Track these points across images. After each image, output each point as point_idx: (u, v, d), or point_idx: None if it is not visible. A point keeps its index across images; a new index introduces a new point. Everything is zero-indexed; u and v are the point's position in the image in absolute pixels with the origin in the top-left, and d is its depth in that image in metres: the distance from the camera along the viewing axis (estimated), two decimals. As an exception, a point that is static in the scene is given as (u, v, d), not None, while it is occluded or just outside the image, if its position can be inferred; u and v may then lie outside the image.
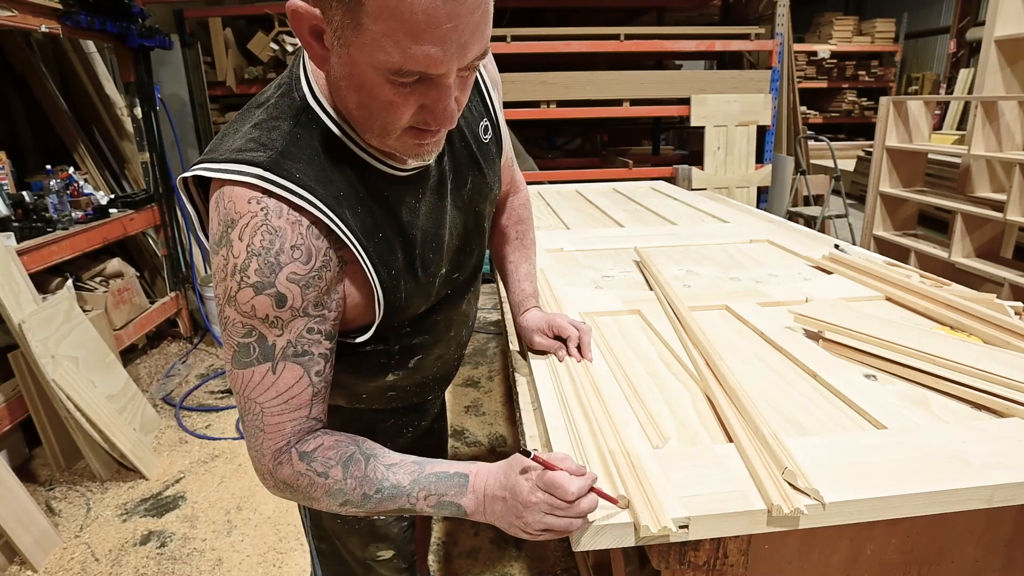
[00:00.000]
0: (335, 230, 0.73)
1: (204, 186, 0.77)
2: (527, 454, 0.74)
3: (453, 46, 0.62)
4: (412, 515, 0.83)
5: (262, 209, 0.70)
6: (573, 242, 2.02)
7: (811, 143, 5.41)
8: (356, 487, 0.77)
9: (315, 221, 0.72)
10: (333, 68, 0.68)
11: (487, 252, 1.11)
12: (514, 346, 1.29)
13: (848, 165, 6.27)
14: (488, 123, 0.94)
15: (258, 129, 0.73)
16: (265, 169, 0.70)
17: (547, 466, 0.72)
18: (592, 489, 0.72)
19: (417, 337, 0.92)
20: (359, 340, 0.84)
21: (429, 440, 1.23)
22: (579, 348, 1.13)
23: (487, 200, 0.97)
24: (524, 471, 0.74)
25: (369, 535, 1.10)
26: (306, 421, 0.77)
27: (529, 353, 1.18)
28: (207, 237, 0.77)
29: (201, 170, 0.72)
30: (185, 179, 0.76)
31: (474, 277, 1.01)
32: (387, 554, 1.13)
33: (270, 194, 0.70)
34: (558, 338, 1.15)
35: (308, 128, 0.74)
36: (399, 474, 0.78)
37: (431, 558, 2.05)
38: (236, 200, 0.70)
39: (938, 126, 5.46)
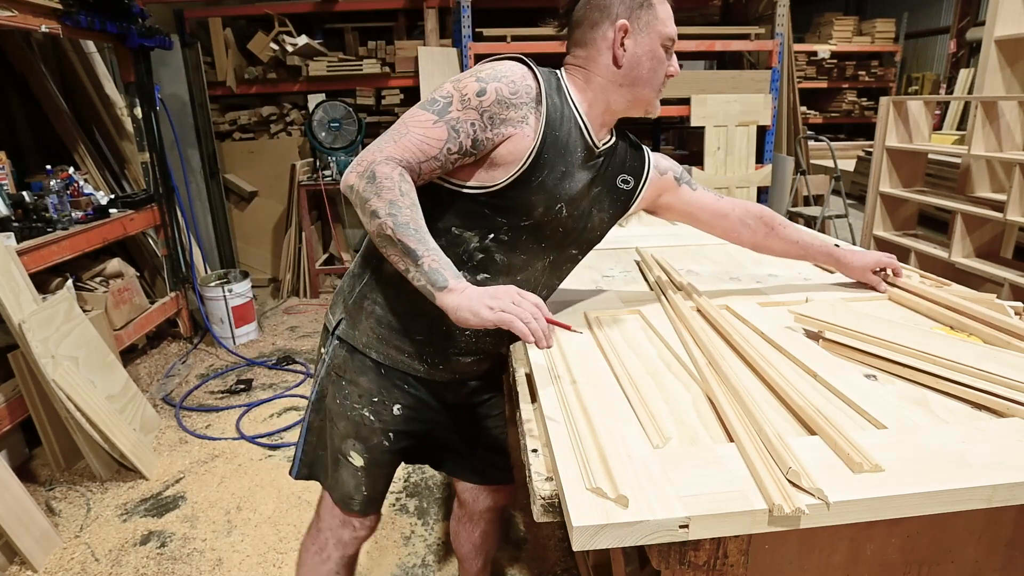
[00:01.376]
0: (542, 111, 1.06)
1: None
2: None
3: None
4: (405, 272, 1.00)
5: (516, 64, 1.08)
6: (573, 242, 2.02)
7: (811, 143, 5.40)
8: (409, 216, 0.97)
9: (538, 88, 1.07)
10: (633, 55, 1.10)
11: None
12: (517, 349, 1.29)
13: (848, 165, 6.26)
14: (632, 177, 1.26)
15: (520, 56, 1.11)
16: (531, 67, 1.09)
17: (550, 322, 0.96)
18: (547, 319, 0.94)
19: (500, 252, 1.13)
20: (490, 188, 1.07)
21: (488, 380, 1.39)
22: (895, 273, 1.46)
23: (602, 215, 1.24)
24: None
25: (354, 428, 1.23)
26: (416, 164, 1.02)
27: (529, 353, 1.19)
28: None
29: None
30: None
31: (560, 265, 1.25)
32: (358, 460, 1.25)
33: (521, 62, 1.08)
34: (882, 271, 1.48)
35: (553, 77, 1.12)
36: (432, 241, 0.99)
37: (431, 557, 2.05)
38: (508, 61, 1.08)
39: (938, 126, 5.46)
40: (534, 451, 0.93)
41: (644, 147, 1.31)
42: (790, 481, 0.77)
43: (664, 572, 0.80)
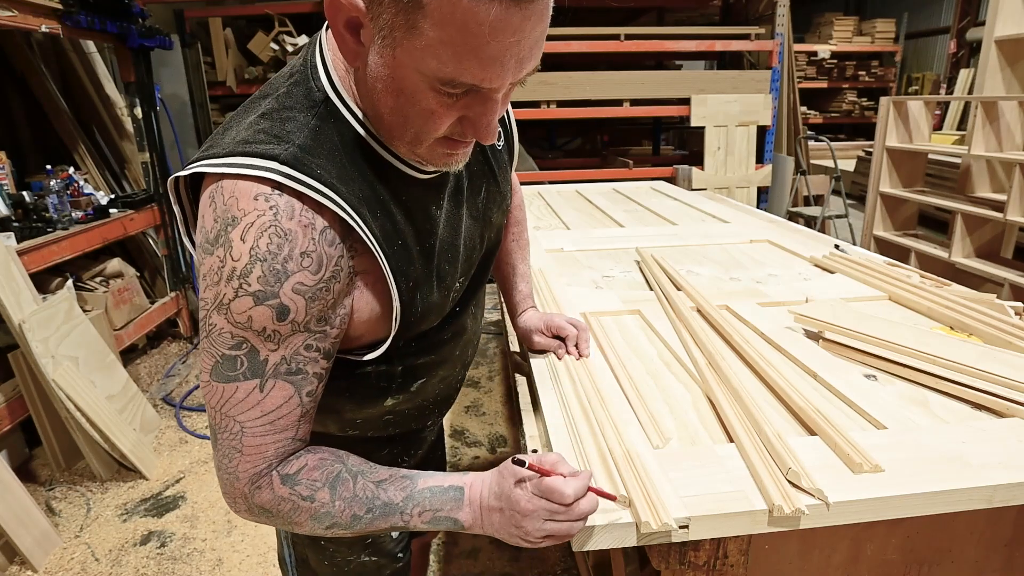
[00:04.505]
0: (358, 232, 0.67)
1: (196, 185, 0.69)
2: (520, 463, 0.70)
3: (512, 61, 0.58)
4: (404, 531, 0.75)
5: (271, 208, 0.62)
6: (573, 242, 2.02)
7: (811, 143, 5.41)
8: (345, 509, 0.71)
9: (331, 224, 0.65)
10: (370, 67, 0.62)
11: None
12: (514, 346, 1.29)
13: (848, 165, 6.26)
14: (501, 129, 0.91)
15: (268, 120, 0.66)
16: (282, 163, 0.63)
17: (542, 472, 0.70)
18: (590, 489, 0.71)
19: (423, 357, 0.85)
20: (366, 358, 0.77)
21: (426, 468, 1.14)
22: (577, 346, 1.14)
23: (500, 209, 0.93)
24: (519, 481, 0.71)
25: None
26: (291, 443, 0.70)
27: (529, 353, 1.18)
28: (190, 239, 0.72)
29: (202, 166, 0.64)
30: (177, 178, 0.69)
31: (479, 289, 0.95)
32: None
33: (283, 190, 0.62)
34: (557, 337, 1.15)
35: (326, 121, 0.67)
36: (390, 491, 0.72)
37: (431, 558, 2.05)
38: (240, 196, 0.62)
39: (938, 126, 5.46)
40: (534, 451, 0.93)
41: None
42: (790, 481, 0.77)
43: (664, 572, 0.80)
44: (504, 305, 1.26)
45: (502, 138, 0.91)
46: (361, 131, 0.69)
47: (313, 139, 0.66)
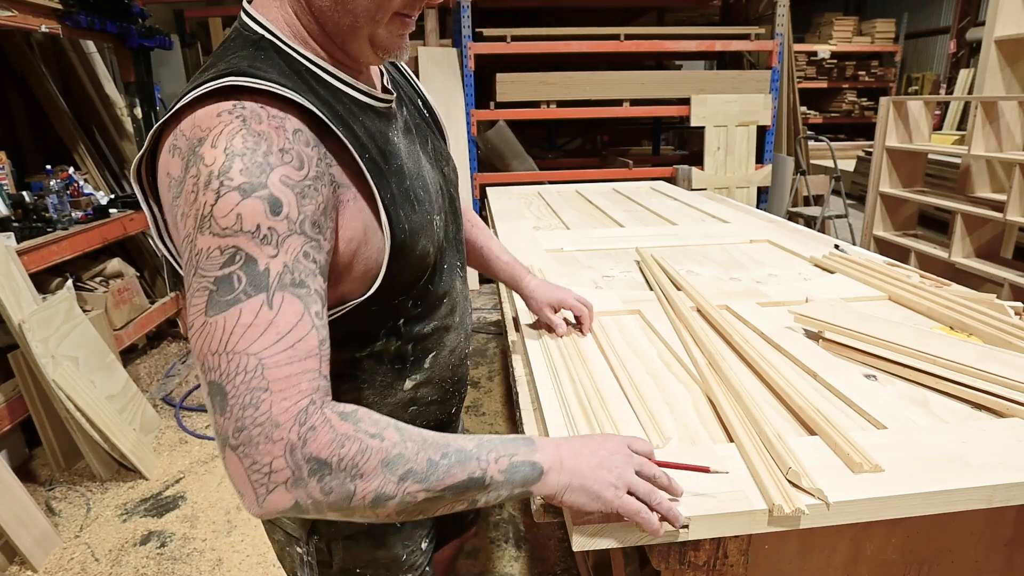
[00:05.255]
0: (330, 140, 0.64)
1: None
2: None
3: None
4: (473, 507, 0.65)
5: (237, 117, 0.58)
6: (573, 242, 2.02)
7: (811, 143, 5.41)
8: (419, 451, 0.60)
9: (302, 128, 0.62)
10: None
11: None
12: (512, 335, 1.29)
13: (848, 165, 6.27)
14: (424, 103, 0.92)
15: (214, 68, 0.63)
16: (233, 75, 0.60)
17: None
18: (673, 464, 0.74)
19: (426, 323, 0.83)
20: (369, 293, 0.71)
21: None
22: (581, 324, 1.23)
23: (450, 167, 0.92)
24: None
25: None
26: (321, 378, 0.59)
27: (527, 348, 1.18)
28: (163, 241, 0.68)
29: (156, 129, 0.62)
30: (140, 173, 0.65)
31: (458, 244, 0.93)
32: None
33: (243, 100, 0.59)
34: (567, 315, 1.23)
35: (268, 51, 0.66)
36: (458, 440, 0.65)
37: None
38: (200, 121, 0.59)
39: (938, 126, 5.46)
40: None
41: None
42: (790, 481, 0.77)
43: (664, 572, 0.80)
44: (500, 284, 1.31)
45: (428, 108, 0.93)
46: (307, 57, 0.68)
47: (260, 61, 0.64)
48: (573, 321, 1.25)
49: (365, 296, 0.72)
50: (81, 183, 3.08)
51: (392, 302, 0.76)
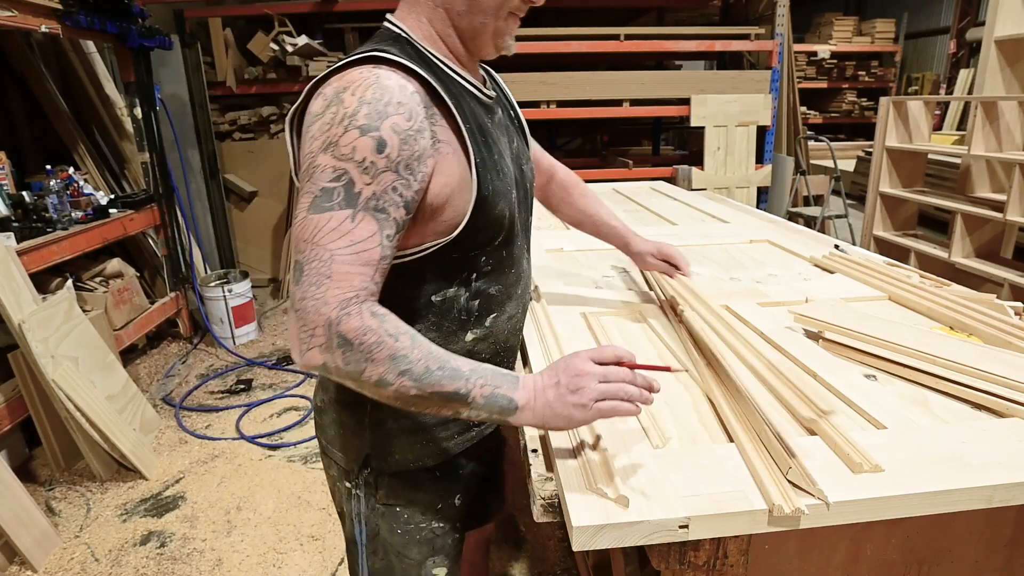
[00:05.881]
0: (438, 106, 0.82)
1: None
2: None
3: None
4: (458, 416, 0.79)
5: (374, 74, 0.78)
6: (573, 242, 2.02)
7: (811, 143, 5.40)
8: (422, 358, 0.75)
9: (419, 91, 0.80)
10: None
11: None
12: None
13: (848, 165, 6.26)
14: (513, 109, 1.08)
15: (362, 50, 0.83)
16: (374, 51, 0.80)
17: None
18: (641, 366, 0.80)
19: (494, 284, 0.96)
20: (454, 234, 0.86)
21: (489, 444, 1.16)
22: (680, 269, 1.41)
23: (529, 167, 1.06)
24: (575, 354, 0.81)
25: (429, 546, 1.06)
26: (371, 283, 0.76)
27: (527, 348, 1.18)
28: (295, 173, 0.84)
29: (312, 84, 0.81)
30: (292, 120, 0.84)
31: (527, 228, 1.07)
32: (441, 572, 1.10)
33: (381, 64, 0.79)
34: (665, 261, 1.41)
35: (404, 45, 0.86)
36: (459, 360, 0.78)
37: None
38: (347, 77, 0.79)
39: (938, 126, 5.46)
40: (534, 451, 0.93)
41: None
42: (790, 481, 0.77)
43: (664, 572, 0.80)
44: (612, 243, 1.45)
45: (513, 112, 1.08)
46: (432, 52, 0.88)
47: (398, 48, 0.84)
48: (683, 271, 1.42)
49: (449, 239, 0.87)
50: (81, 183, 3.08)
51: (469, 254, 0.91)
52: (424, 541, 1.07)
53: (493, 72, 1.09)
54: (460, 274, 0.92)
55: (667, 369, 0.86)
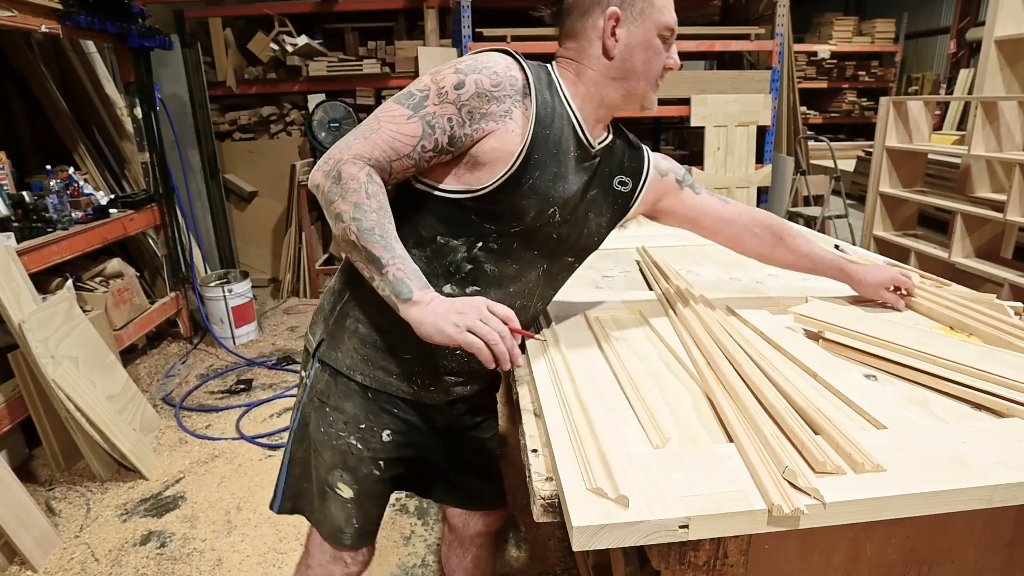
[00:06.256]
0: (530, 97, 1.00)
1: None
2: None
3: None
4: (371, 276, 0.96)
5: (500, 55, 1.01)
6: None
7: (811, 143, 5.40)
8: (376, 221, 0.92)
9: (522, 82, 1.00)
10: (623, 45, 1.02)
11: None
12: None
13: (848, 165, 6.26)
14: (631, 182, 1.19)
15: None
16: (518, 54, 1.03)
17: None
18: (518, 331, 0.94)
19: (492, 265, 1.07)
20: (476, 191, 1.01)
21: (436, 415, 1.22)
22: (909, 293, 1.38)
23: (595, 226, 1.16)
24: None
25: (341, 458, 1.15)
26: (386, 163, 0.96)
27: (529, 354, 1.18)
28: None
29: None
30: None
31: (556, 274, 1.18)
32: (346, 492, 1.16)
33: (506, 54, 1.02)
34: (895, 290, 1.38)
35: (543, 70, 1.06)
36: (398, 244, 0.94)
37: (431, 558, 2.05)
38: (492, 52, 1.02)
39: (938, 126, 5.46)
40: (534, 451, 0.93)
41: (643, 146, 1.24)
42: (788, 481, 0.77)
43: (664, 572, 0.80)
44: (831, 276, 1.41)
45: (629, 185, 1.20)
46: (564, 91, 1.06)
47: (538, 68, 1.06)
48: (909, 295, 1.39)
49: (474, 193, 1.01)
50: (81, 183, 3.08)
51: (485, 224, 1.04)
52: (339, 450, 1.16)
53: (645, 151, 1.23)
54: (469, 234, 1.04)
55: (533, 336, 1.05)
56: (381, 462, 1.17)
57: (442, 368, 1.14)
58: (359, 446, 1.15)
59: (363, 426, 1.14)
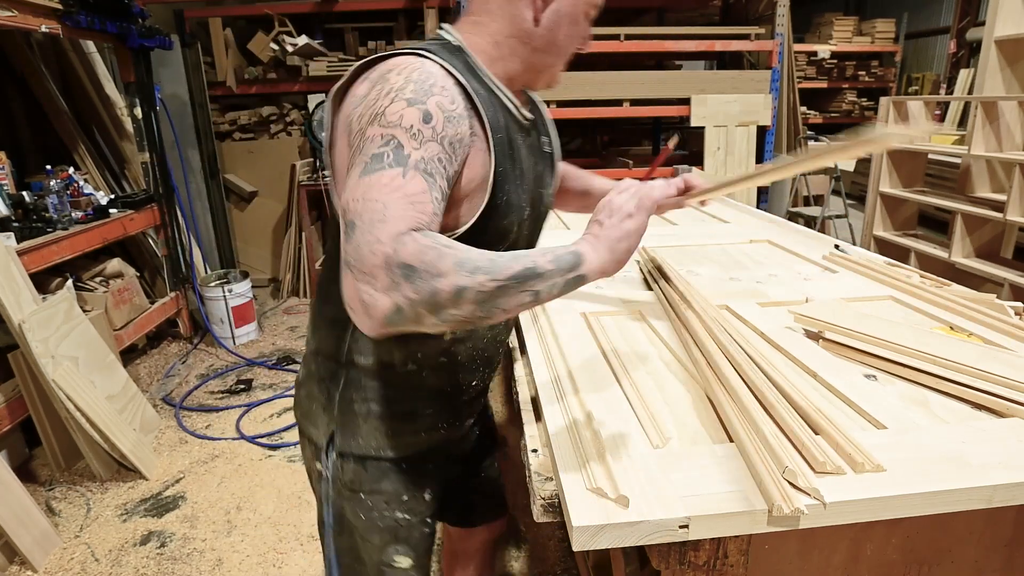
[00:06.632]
0: (478, 110, 0.85)
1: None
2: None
3: None
4: (536, 299, 0.75)
5: (418, 60, 0.82)
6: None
7: (811, 143, 5.40)
8: (481, 254, 0.71)
9: (459, 91, 0.83)
10: (550, 16, 0.90)
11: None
12: (512, 338, 1.29)
13: (848, 165, 6.26)
14: (548, 140, 1.09)
15: (411, 46, 0.87)
16: (420, 49, 0.85)
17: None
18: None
19: None
20: (457, 233, 0.86)
21: (463, 445, 1.22)
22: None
23: (548, 193, 1.06)
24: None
25: (391, 535, 1.09)
26: (428, 219, 0.73)
27: (527, 348, 1.18)
28: (328, 154, 0.88)
29: (352, 73, 0.85)
30: (336, 97, 0.86)
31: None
32: (404, 562, 1.11)
33: (427, 59, 0.83)
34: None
35: (459, 55, 0.89)
36: (508, 252, 0.76)
37: (432, 558, 2.04)
38: (393, 62, 0.83)
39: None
40: (534, 451, 0.93)
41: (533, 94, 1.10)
42: (788, 481, 0.77)
43: (664, 572, 0.80)
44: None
45: (548, 142, 1.09)
46: (483, 71, 0.90)
47: (448, 56, 0.87)
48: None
49: (456, 232, 0.87)
50: (81, 183, 3.09)
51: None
52: (386, 529, 1.09)
53: (537, 98, 1.10)
54: None
55: (667, 150, 0.97)
56: (429, 519, 1.15)
57: (464, 401, 1.10)
58: (407, 517, 1.10)
59: (405, 498, 1.08)
